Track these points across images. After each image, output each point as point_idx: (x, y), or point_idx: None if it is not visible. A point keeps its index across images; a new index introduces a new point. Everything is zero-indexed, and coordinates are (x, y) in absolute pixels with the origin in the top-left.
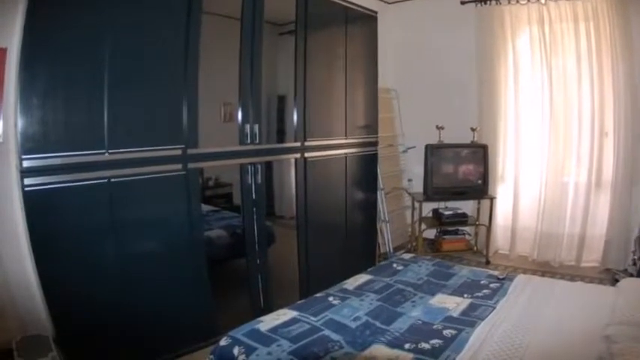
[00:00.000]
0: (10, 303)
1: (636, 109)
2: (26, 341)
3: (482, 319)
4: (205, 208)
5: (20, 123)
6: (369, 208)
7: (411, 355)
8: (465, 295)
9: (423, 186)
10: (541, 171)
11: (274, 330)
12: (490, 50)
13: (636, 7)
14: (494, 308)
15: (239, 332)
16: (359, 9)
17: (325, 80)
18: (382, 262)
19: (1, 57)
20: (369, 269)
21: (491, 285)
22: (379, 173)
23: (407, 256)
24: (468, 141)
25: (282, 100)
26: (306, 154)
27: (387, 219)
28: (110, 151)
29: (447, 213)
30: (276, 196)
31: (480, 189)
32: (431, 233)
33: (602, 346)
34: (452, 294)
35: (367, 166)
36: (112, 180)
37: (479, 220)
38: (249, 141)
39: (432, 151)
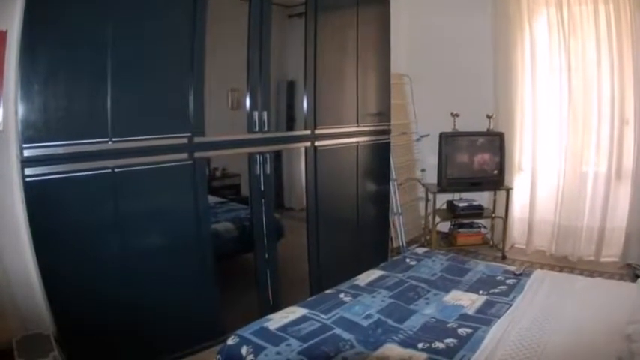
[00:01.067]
0: (10, 300)
1: None
2: (27, 340)
3: (499, 317)
4: (212, 199)
5: (21, 110)
6: (382, 199)
7: (424, 355)
8: (481, 292)
9: (437, 176)
10: (559, 160)
11: (283, 328)
12: (506, 33)
13: None
14: (511, 305)
15: (247, 331)
16: None
17: (336, 65)
18: (395, 257)
19: (1, 40)
20: (382, 264)
21: (508, 281)
22: (392, 163)
23: (420, 250)
24: (483, 129)
25: (291, 85)
26: (317, 143)
27: (399, 211)
28: (114, 139)
29: (461, 205)
30: (285, 188)
31: (496, 180)
32: (445, 226)
33: (622, 345)
34: (467, 290)
35: (379, 156)
36: (116, 170)
37: (495, 213)
38: (257, 129)
39: (447, 140)
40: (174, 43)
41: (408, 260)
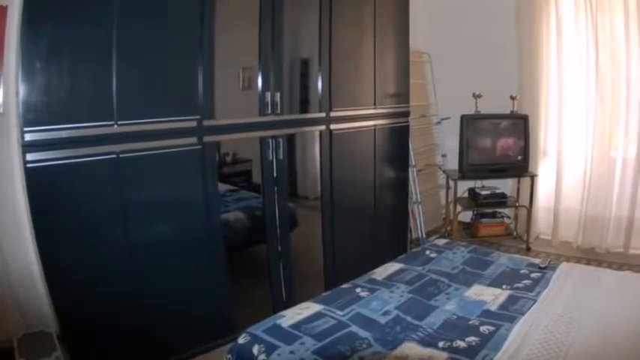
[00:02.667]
0: (11, 295)
1: None
2: (28, 339)
3: (523, 314)
4: (222, 187)
5: (22, 91)
6: (400, 187)
7: (445, 355)
8: (504, 287)
9: (459, 162)
10: (586, 145)
11: (297, 326)
12: (531, 7)
13: None
14: (536, 301)
15: (259, 328)
16: None
17: (352, 42)
18: (414, 249)
19: (2, 15)
20: (400, 257)
21: (532, 275)
22: (410, 148)
23: (441, 241)
24: (507, 111)
25: (305, 64)
26: (332, 126)
27: (419, 200)
28: (119, 122)
29: (484, 193)
30: (299, 174)
31: (520, 166)
32: (466, 216)
33: None
34: (490, 285)
35: (398, 140)
36: (122, 155)
37: (519, 201)
38: (269, 111)
39: (468, 123)
40: (182, 20)
41: (427, 252)
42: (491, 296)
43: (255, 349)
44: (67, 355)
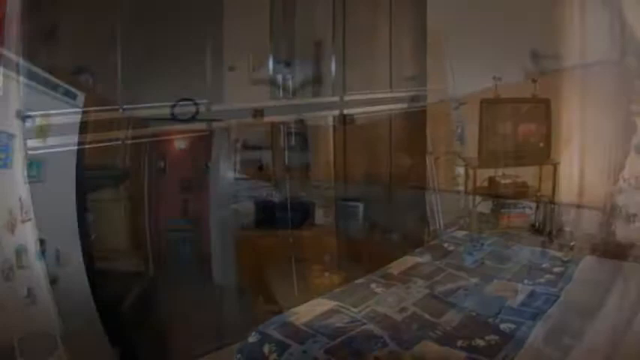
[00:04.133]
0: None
1: None
2: (30, 339)
3: (545, 311)
4: (232, 175)
5: (23, 72)
6: (417, 176)
7: (463, 354)
8: (525, 282)
9: (478, 149)
10: (609, 131)
11: (310, 323)
12: None
13: None
14: (558, 297)
15: (270, 326)
16: None
17: (367, 22)
18: (432, 242)
19: None
20: (417, 250)
21: (555, 269)
22: (428, 134)
23: (459, 234)
24: (528, 94)
25: (318, 46)
26: (346, 111)
27: (436, 189)
28: (125, 107)
29: (504, 182)
30: (312, 161)
31: (541, 153)
32: (486, 207)
33: None
34: (510, 280)
35: (414, 125)
36: (128, 141)
37: (540, 191)
38: (281, 95)
39: (488, 108)
40: None
41: (445, 245)
42: (512, 292)
43: (266, 349)
44: (68, 356)
